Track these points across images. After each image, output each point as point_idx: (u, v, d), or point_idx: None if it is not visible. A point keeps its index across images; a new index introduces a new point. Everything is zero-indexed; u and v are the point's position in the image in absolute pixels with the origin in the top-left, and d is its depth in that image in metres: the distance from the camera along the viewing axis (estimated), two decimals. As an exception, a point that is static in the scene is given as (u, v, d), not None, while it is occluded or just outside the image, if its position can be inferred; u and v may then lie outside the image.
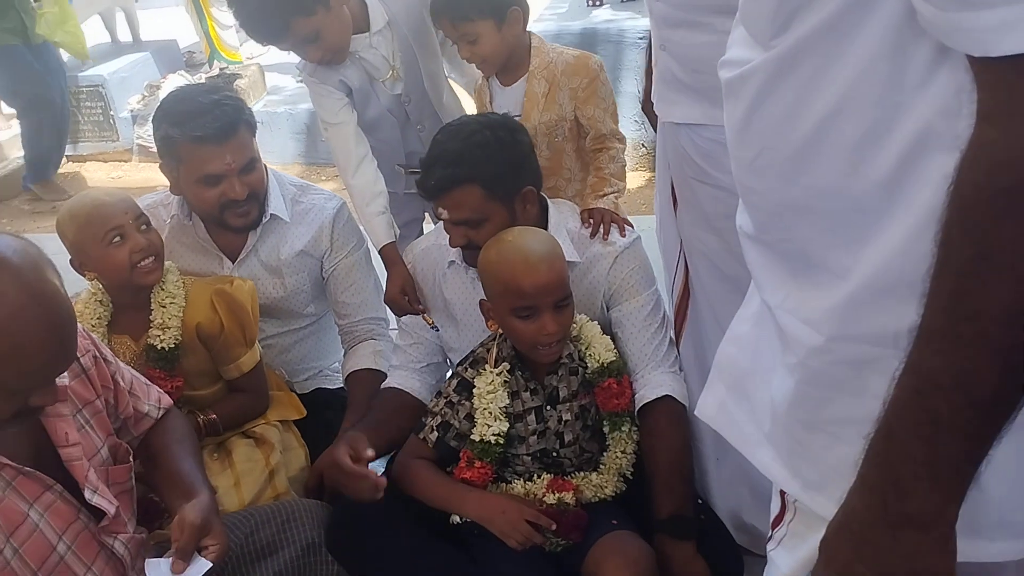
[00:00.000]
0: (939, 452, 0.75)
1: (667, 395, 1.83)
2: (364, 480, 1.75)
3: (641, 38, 5.07)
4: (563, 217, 1.97)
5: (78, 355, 1.57)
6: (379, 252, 2.18)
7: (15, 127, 6.43)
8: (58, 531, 1.45)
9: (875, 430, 0.79)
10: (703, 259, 1.88)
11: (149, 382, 1.81)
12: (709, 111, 1.67)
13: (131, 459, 1.64)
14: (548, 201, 1.99)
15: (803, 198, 0.88)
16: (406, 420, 1.96)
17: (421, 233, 2.62)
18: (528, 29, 2.21)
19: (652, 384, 1.85)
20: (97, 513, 1.50)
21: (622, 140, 2.21)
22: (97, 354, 1.62)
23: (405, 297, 2.07)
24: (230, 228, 2.15)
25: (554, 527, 1.69)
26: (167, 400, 1.81)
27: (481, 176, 1.80)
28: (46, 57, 5.19)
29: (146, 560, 1.48)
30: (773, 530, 1.08)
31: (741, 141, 0.95)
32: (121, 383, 1.67)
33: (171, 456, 1.69)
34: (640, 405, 1.84)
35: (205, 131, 1.98)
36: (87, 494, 1.48)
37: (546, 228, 1.90)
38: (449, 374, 1.98)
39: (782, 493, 1.05)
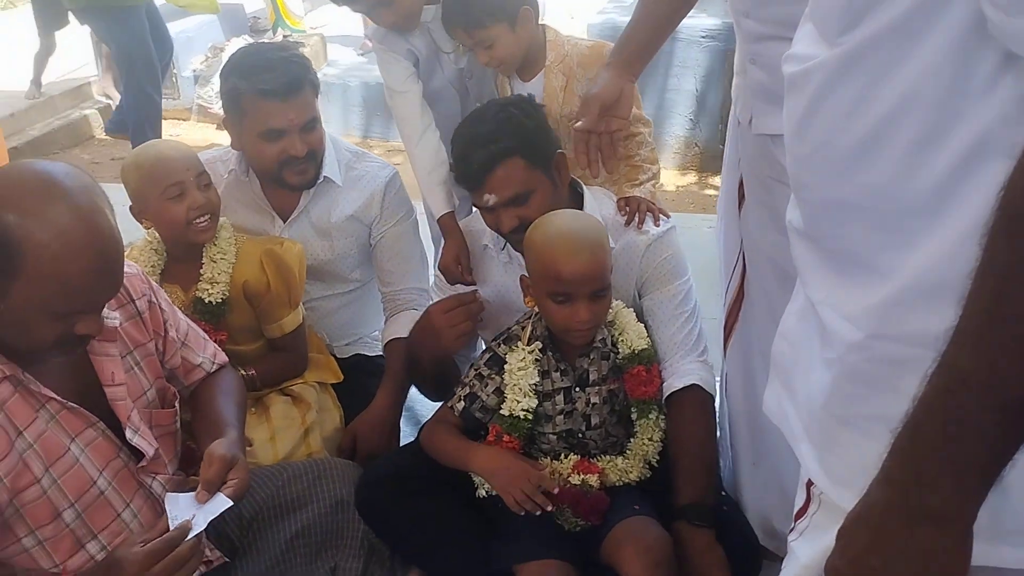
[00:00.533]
0: (964, 451, 0.75)
1: (694, 384, 1.84)
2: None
3: (704, 36, 5.04)
4: (599, 203, 1.98)
5: (134, 298, 1.61)
6: (438, 221, 2.17)
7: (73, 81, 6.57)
8: (98, 467, 1.49)
9: (902, 425, 0.79)
10: (767, 261, 1.86)
11: (207, 337, 1.85)
12: None
13: (176, 404, 1.68)
14: (584, 187, 2.01)
15: (855, 196, 0.88)
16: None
17: (471, 211, 2.64)
18: (542, 22, 2.19)
19: (680, 373, 1.86)
20: (138, 453, 1.54)
21: (647, 123, 2.19)
22: (153, 299, 1.66)
23: (459, 267, 2.09)
24: (286, 186, 2.17)
25: (557, 490, 1.71)
26: (223, 357, 1.85)
27: (520, 146, 1.82)
28: (155, 20, 5.06)
29: (166, 495, 1.50)
30: (796, 522, 1.09)
31: (799, 136, 0.96)
32: (171, 332, 1.70)
33: (213, 405, 1.73)
34: (667, 393, 1.85)
35: (271, 85, 2.01)
36: (128, 434, 1.51)
37: None
38: (482, 348, 2.01)
39: (808, 485, 1.05)
